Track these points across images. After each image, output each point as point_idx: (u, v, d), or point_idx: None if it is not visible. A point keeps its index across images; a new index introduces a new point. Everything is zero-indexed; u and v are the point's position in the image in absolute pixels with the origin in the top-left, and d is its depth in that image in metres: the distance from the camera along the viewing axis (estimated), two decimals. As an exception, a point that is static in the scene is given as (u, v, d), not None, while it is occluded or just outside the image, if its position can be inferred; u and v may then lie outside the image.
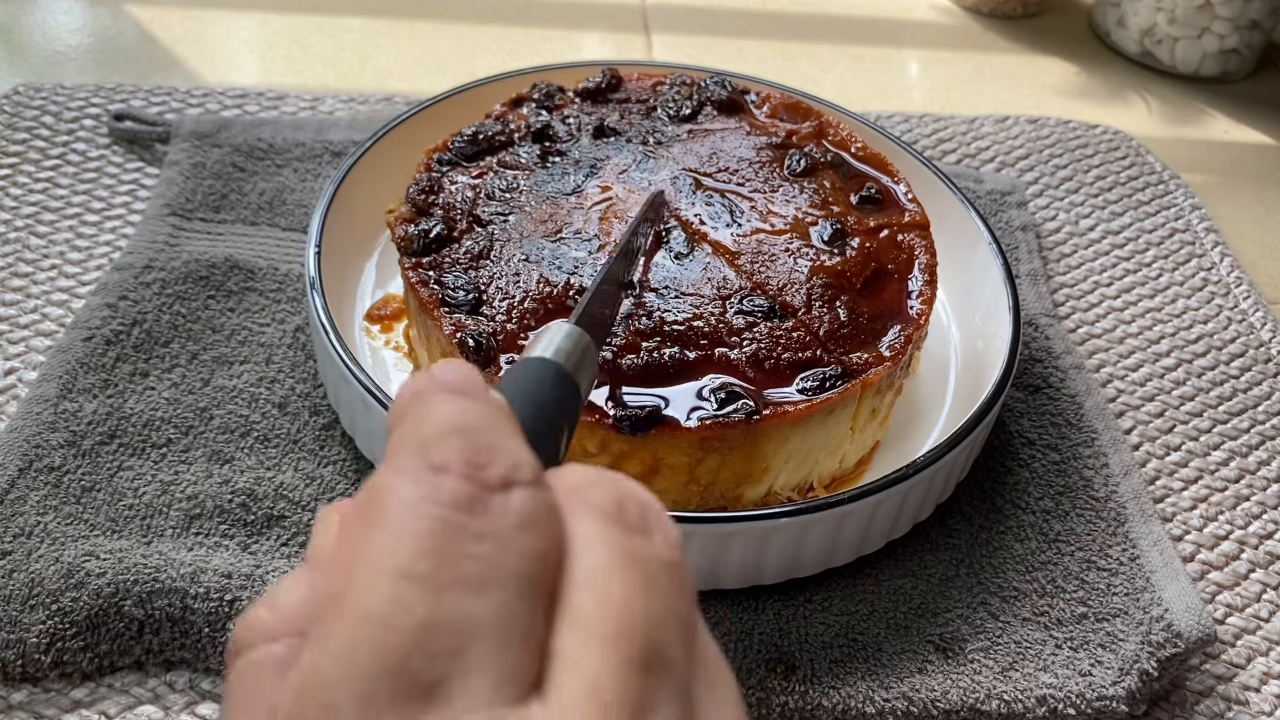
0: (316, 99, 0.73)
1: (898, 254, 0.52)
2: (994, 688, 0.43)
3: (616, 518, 0.21)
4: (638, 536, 0.20)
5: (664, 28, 0.89)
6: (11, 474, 0.46)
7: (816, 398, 0.45)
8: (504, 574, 0.19)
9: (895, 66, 0.89)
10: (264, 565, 0.45)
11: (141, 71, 0.76)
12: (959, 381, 0.56)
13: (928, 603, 0.47)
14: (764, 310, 0.47)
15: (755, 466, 0.45)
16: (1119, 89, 0.89)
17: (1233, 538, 0.53)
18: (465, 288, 0.47)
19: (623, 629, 0.19)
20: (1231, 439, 0.58)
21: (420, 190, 0.52)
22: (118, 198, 0.63)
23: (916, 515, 0.48)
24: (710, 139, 0.57)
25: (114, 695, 0.41)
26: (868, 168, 0.57)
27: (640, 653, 0.19)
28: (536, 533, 0.20)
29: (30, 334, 0.55)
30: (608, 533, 0.20)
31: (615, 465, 0.44)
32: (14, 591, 0.42)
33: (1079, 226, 0.72)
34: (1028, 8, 0.97)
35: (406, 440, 0.21)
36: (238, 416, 0.50)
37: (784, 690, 0.43)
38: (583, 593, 0.19)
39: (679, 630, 0.20)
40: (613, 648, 0.19)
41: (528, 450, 0.21)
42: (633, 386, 0.44)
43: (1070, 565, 0.49)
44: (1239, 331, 0.65)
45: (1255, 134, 0.86)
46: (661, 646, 0.19)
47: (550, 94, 0.59)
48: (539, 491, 0.20)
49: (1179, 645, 0.45)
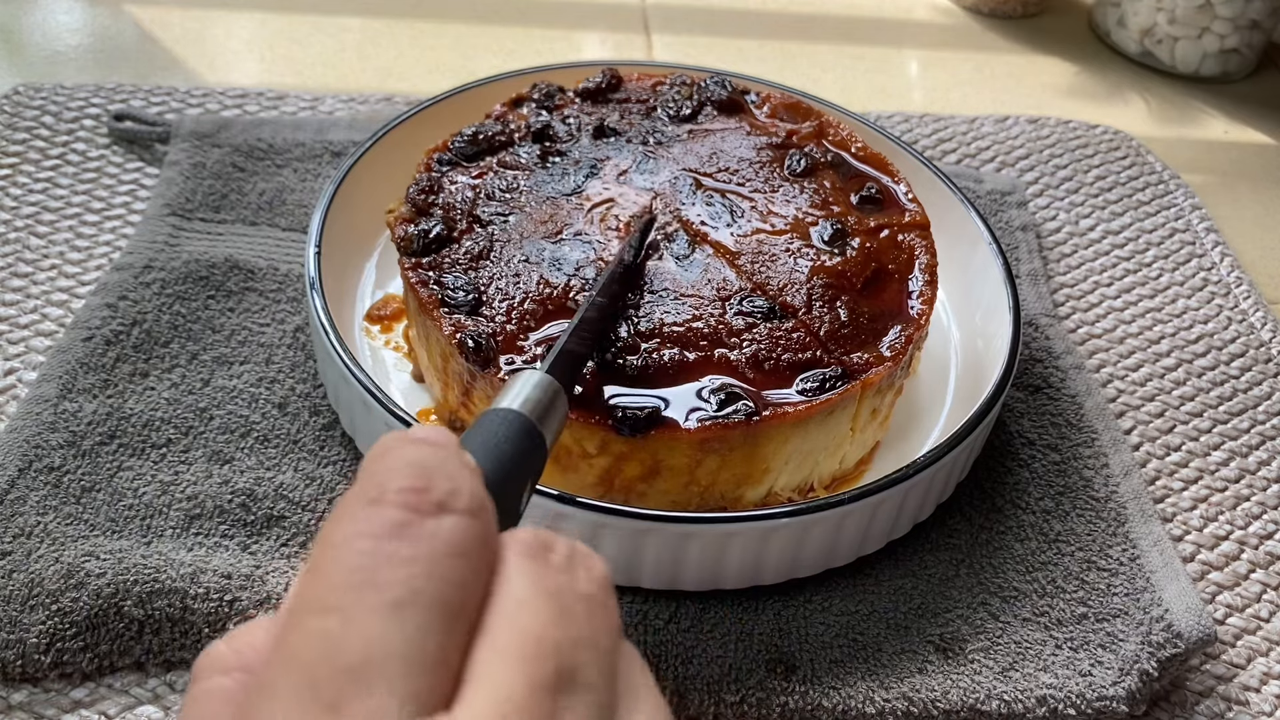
0: (316, 99, 0.73)
1: (898, 254, 0.52)
2: (994, 688, 0.43)
3: (540, 555, 0.22)
4: (560, 573, 0.22)
5: (664, 28, 0.89)
6: (11, 474, 0.46)
7: (816, 398, 0.45)
8: (422, 599, 0.20)
9: (895, 66, 0.89)
10: (264, 565, 0.45)
11: (141, 71, 0.76)
12: (959, 382, 0.56)
13: (928, 603, 0.47)
14: (764, 311, 0.47)
15: (755, 467, 0.45)
16: (1119, 89, 0.89)
17: (1233, 538, 0.53)
18: (465, 288, 0.47)
19: (535, 652, 0.20)
20: (1232, 439, 0.58)
21: (420, 190, 0.52)
22: (118, 198, 0.63)
23: (917, 515, 0.48)
24: (710, 139, 0.57)
25: (114, 695, 0.41)
26: (868, 168, 0.57)
27: (551, 675, 0.20)
28: (464, 561, 0.21)
29: (30, 334, 0.55)
30: (530, 567, 0.22)
31: (615, 466, 0.44)
32: (14, 591, 0.42)
33: (1079, 226, 0.72)
34: (1028, 8, 0.97)
35: (357, 484, 0.22)
36: (238, 417, 0.50)
37: (784, 690, 0.43)
38: (501, 621, 0.21)
39: (595, 656, 0.21)
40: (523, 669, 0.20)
41: (473, 482, 0.22)
42: (633, 387, 0.44)
43: (1070, 565, 0.49)
44: (1239, 331, 0.65)
45: (1255, 134, 0.86)
46: (573, 670, 0.20)
47: (550, 94, 0.59)
48: (472, 522, 0.21)
49: (1179, 645, 0.45)
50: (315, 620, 0.20)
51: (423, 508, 0.21)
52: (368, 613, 0.19)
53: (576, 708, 0.20)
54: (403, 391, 0.52)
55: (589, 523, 0.42)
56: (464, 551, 0.21)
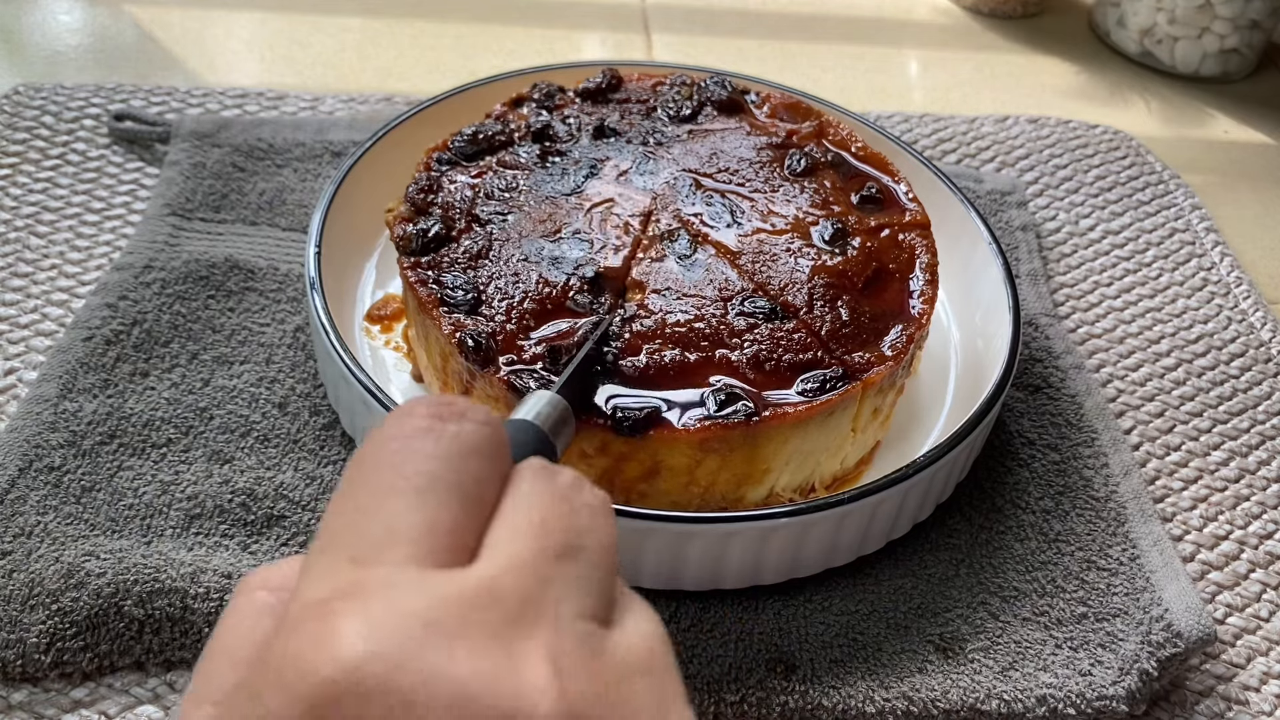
0: (316, 99, 0.73)
1: (899, 253, 0.52)
2: (994, 687, 0.43)
3: (550, 475, 0.25)
4: (567, 486, 0.25)
5: (664, 28, 0.89)
6: (11, 474, 0.46)
7: (817, 399, 0.45)
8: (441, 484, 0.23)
9: (895, 66, 0.89)
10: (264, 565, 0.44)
11: (141, 71, 0.76)
12: (959, 381, 0.56)
13: (928, 602, 0.47)
14: (765, 312, 0.47)
15: (756, 468, 0.45)
16: (1119, 89, 0.89)
17: (1233, 538, 0.53)
18: (464, 287, 0.47)
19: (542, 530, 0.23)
20: (1231, 439, 0.58)
21: (420, 190, 0.52)
22: (118, 198, 0.63)
23: (916, 515, 0.48)
24: (710, 139, 0.57)
25: (114, 695, 0.41)
26: (868, 167, 0.57)
27: (556, 545, 0.23)
28: (480, 458, 0.24)
29: (30, 334, 0.55)
30: (541, 477, 0.25)
31: (615, 467, 0.44)
32: (14, 591, 0.42)
33: (1079, 226, 0.72)
34: (1028, 8, 0.97)
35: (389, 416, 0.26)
36: (238, 416, 0.50)
37: (784, 690, 0.43)
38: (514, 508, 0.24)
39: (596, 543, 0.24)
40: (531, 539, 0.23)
41: (489, 409, 0.26)
42: (633, 388, 0.44)
43: (1070, 565, 0.49)
44: (1239, 331, 0.65)
45: (1255, 134, 0.86)
46: (576, 548, 0.23)
47: (550, 94, 0.59)
48: (488, 428, 0.25)
49: (1179, 645, 0.45)
50: (349, 504, 0.23)
51: (445, 415, 0.25)
52: (395, 496, 0.23)
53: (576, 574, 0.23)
54: (403, 391, 0.52)
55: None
56: (480, 450, 0.24)
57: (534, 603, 0.22)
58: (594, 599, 0.23)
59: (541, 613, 0.21)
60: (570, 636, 0.21)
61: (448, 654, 0.20)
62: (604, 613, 0.23)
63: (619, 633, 0.23)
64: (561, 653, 0.21)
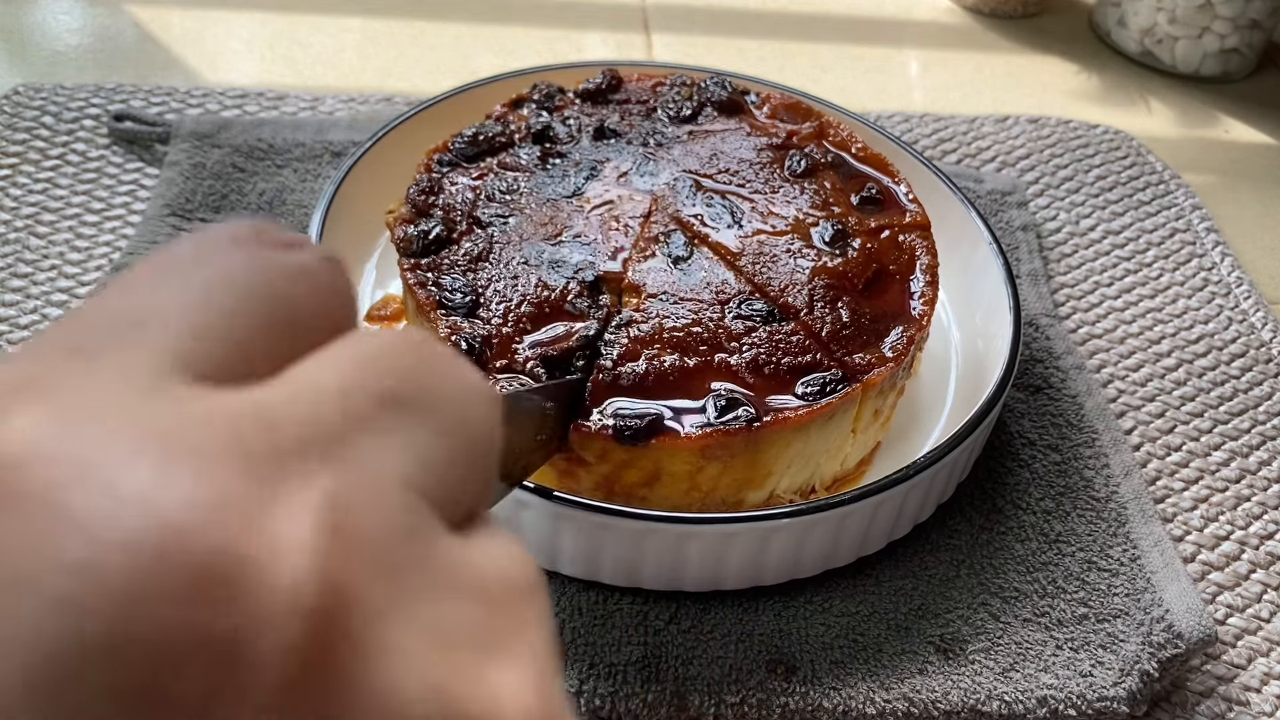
0: (316, 99, 0.73)
1: (899, 254, 0.52)
2: (994, 688, 0.43)
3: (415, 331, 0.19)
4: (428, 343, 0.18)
5: (664, 28, 0.89)
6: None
7: (817, 403, 0.45)
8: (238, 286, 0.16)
9: (895, 66, 0.89)
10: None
11: (141, 71, 0.76)
12: (960, 382, 0.56)
13: (928, 603, 0.47)
14: (763, 314, 0.47)
15: (757, 473, 0.45)
16: (1119, 89, 0.89)
17: (1233, 538, 0.53)
18: (463, 290, 0.47)
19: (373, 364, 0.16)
20: (1232, 439, 0.58)
21: (420, 191, 0.52)
22: (118, 198, 0.63)
23: (917, 516, 0.48)
24: (710, 140, 0.57)
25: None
26: (868, 168, 0.57)
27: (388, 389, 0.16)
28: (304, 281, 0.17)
29: (30, 334, 0.55)
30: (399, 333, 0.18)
31: (615, 473, 0.44)
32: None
33: (1079, 226, 0.72)
34: (1028, 8, 0.97)
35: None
36: (238, 417, 0.50)
37: (784, 691, 0.43)
38: (342, 342, 0.17)
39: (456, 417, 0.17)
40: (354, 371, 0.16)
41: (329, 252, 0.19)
42: (633, 396, 0.44)
43: (1071, 566, 0.49)
44: (1240, 331, 0.65)
45: (1256, 134, 0.86)
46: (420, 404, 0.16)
47: (550, 95, 0.59)
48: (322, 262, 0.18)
49: (1180, 646, 0.45)
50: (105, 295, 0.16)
51: (265, 240, 0.18)
52: (166, 279, 0.16)
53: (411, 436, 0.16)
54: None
55: (590, 524, 0.42)
56: (314, 277, 0.18)
57: (327, 439, 0.15)
58: (436, 481, 0.16)
59: (332, 453, 0.15)
60: (377, 493, 0.15)
61: (161, 473, 0.13)
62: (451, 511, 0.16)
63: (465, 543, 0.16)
64: (351, 507, 0.14)
